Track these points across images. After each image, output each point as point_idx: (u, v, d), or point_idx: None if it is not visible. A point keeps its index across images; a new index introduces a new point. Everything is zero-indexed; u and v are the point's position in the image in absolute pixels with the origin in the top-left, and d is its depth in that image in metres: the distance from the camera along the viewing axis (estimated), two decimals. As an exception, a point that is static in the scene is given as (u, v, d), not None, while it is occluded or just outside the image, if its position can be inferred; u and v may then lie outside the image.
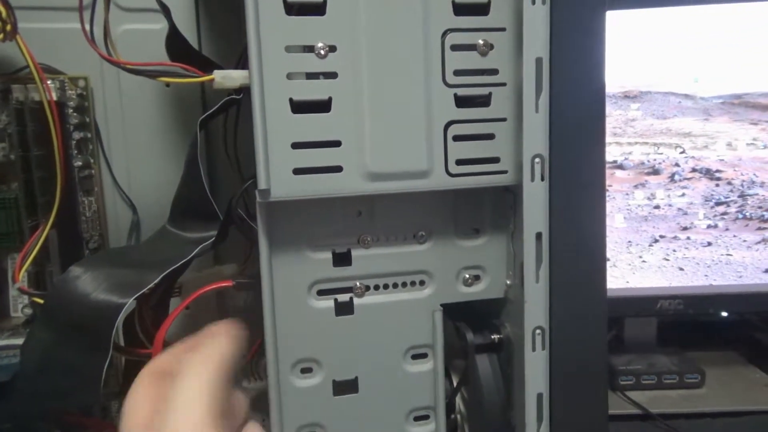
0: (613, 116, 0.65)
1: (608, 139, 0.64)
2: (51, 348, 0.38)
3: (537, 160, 0.34)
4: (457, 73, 0.34)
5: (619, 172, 0.65)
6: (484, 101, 0.35)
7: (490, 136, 0.35)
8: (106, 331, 0.35)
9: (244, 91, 0.36)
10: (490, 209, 0.39)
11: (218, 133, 0.47)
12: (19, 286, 0.41)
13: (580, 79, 0.33)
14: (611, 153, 0.65)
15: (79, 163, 0.46)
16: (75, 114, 0.45)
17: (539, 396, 0.35)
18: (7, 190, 0.44)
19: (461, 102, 0.35)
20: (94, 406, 0.46)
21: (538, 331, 0.35)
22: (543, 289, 0.34)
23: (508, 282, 0.39)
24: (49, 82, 0.43)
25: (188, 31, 0.48)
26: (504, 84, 0.35)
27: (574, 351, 0.35)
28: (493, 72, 0.35)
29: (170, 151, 0.49)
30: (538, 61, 0.33)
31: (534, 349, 0.35)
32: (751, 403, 0.63)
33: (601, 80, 0.33)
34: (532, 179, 0.34)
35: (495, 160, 0.36)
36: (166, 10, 0.39)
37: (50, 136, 0.41)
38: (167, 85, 0.48)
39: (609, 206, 0.65)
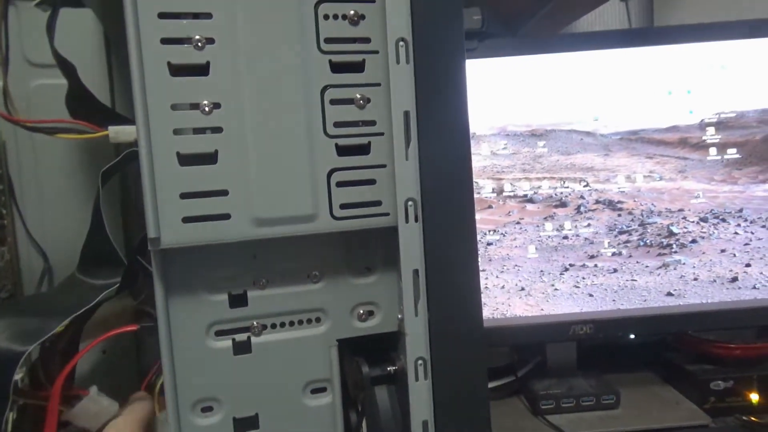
0: (522, 153, 0.69)
1: (518, 174, 0.69)
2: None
3: (410, 203, 0.37)
4: (337, 124, 0.37)
5: (529, 206, 0.69)
6: (364, 149, 0.38)
7: (371, 182, 0.38)
8: (4, 379, 0.36)
9: (142, 144, 0.39)
10: (380, 248, 0.41)
11: (130, 182, 0.49)
12: None
13: (446, 127, 0.36)
14: (522, 188, 0.69)
15: (-10, 215, 0.47)
16: (-14, 167, 0.47)
17: (424, 423, 0.38)
18: None
19: (342, 151, 0.38)
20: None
21: (420, 361, 0.37)
22: (422, 322, 0.37)
23: (400, 316, 0.41)
24: (-42, 137, 0.44)
25: (101, 85, 0.50)
26: (382, 134, 0.38)
27: (455, 379, 0.37)
28: (371, 123, 0.38)
29: (82, 200, 0.50)
30: (406, 114, 0.36)
31: (417, 379, 0.37)
32: (663, 421, 0.66)
33: (465, 126, 0.36)
34: (407, 221, 0.37)
35: (377, 203, 0.38)
36: (68, 68, 0.41)
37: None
38: (79, 137, 0.50)
39: (521, 238, 0.68)
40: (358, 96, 0.37)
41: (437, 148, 0.36)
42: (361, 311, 0.41)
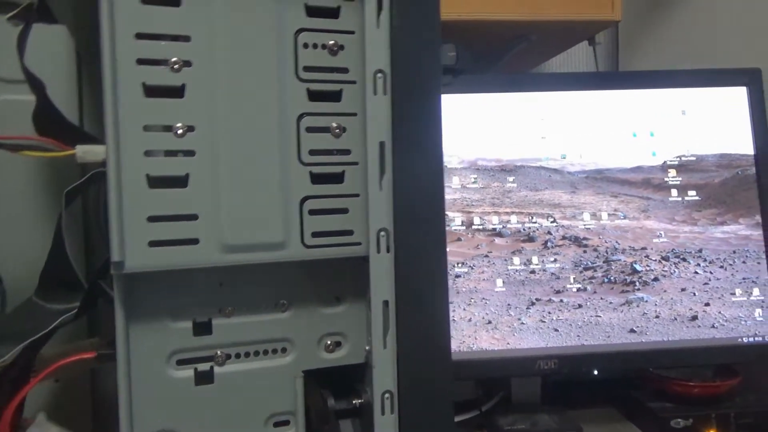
0: (492, 188, 0.70)
1: (487, 208, 0.69)
2: None
3: (382, 233, 0.36)
4: (312, 152, 0.37)
5: (498, 239, 0.69)
6: (338, 178, 0.38)
7: (344, 210, 0.38)
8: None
9: (110, 165, 0.38)
10: (350, 278, 0.41)
11: (90, 205, 0.47)
12: None
13: (420, 159, 0.36)
14: (491, 221, 0.69)
15: (-57, 232, 0.45)
16: (-59, 182, 0.45)
17: (390, 459, 0.37)
18: None
19: (316, 179, 0.37)
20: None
21: (386, 395, 0.37)
22: (390, 355, 0.37)
23: (368, 347, 0.41)
24: None
25: (69, 102, 0.49)
26: (356, 163, 0.38)
27: (422, 413, 0.37)
28: (346, 152, 0.38)
29: (43, 220, 0.48)
30: (381, 145, 0.36)
31: (383, 413, 0.37)
32: (624, 458, 0.66)
33: (439, 159, 0.37)
34: (378, 251, 0.36)
35: (349, 232, 0.38)
36: (36, 84, 0.40)
37: None
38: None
39: (489, 271, 0.69)
40: (335, 125, 0.37)
41: (411, 179, 0.36)
42: (329, 342, 0.41)
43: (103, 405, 0.51)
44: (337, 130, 0.38)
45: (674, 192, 0.71)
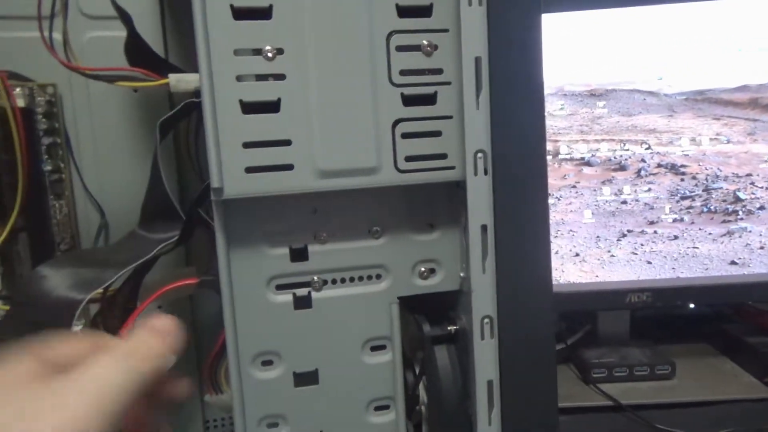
0: (580, 114, 0.66)
1: (575, 137, 0.66)
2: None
3: (479, 155, 0.35)
4: (402, 72, 0.36)
5: (586, 169, 0.66)
6: (430, 100, 0.36)
7: (437, 134, 0.37)
8: (64, 327, 0.37)
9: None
10: (443, 204, 0.40)
11: (182, 138, 0.48)
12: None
13: (519, 76, 0.34)
14: (578, 150, 0.66)
15: (49, 168, 0.47)
16: (44, 120, 0.46)
17: (489, 383, 0.37)
18: (-24, 194, 0.45)
19: (408, 101, 0.36)
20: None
21: (486, 320, 0.36)
22: (489, 280, 0.36)
23: (462, 274, 0.40)
24: (17, 89, 0.44)
25: (154, 37, 0.49)
26: (449, 83, 0.36)
27: (522, 338, 0.36)
28: (438, 71, 0.36)
29: (138, 155, 0.50)
30: (477, 60, 0.34)
31: (483, 338, 0.36)
32: (721, 393, 0.64)
33: (539, 76, 0.34)
34: (476, 173, 0.35)
35: (443, 156, 0.37)
36: (125, 18, 0.41)
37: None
38: (135, 90, 0.49)
39: (577, 202, 0.66)
40: (425, 42, 0.36)
41: (510, 97, 0.34)
42: (423, 269, 0.40)
43: (202, 329, 0.54)
44: (429, 48, 0.36)
45: (786, 112, 0.65)
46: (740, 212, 0.65)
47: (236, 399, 0.38)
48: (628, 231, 0.66)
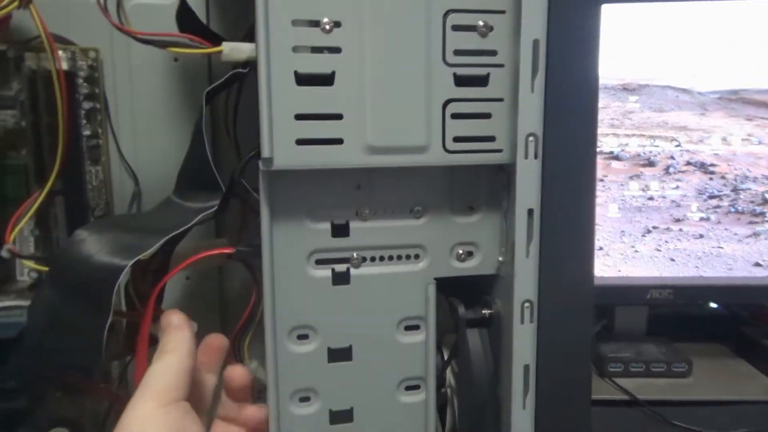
0: (612, 108, 0.66)
1: (605, 130, 0.66)
2: (56, 308, 0.39)
3: (531, 138, 0.35)
4: (457, 52, 0.36)
5: (615, 163, 0.66)
6: (482, 81, 0.36)
7: (486, 116, 0.36)
8: (106, 292, 0.37)
9: (250, 65, 0.38)
10: (485, 187, 0.40)
11: (220, 110, 0.48)
12: (8, 247, 0.41)
13: (576, 61, 0.34)
14: (608, 144, 0.66)
15: (88, 133, 0.47)
16: (85, 84, 0.46)
17: (526, 367, 0.37)
18: (16, 156, 0.45)
19: (460, 81, 0.36)
20: (95, 368, 0.47)
21: (527, 304, 0.36)
22: (533, 264, 0.36)
23: (501, 259, 0.40)
24: (60, 52, 0.44)
25: (197, 7, 0.49)
26: (502, 65, 0.36)
27: (561, 324, 0.36)
28: (492, 53, 0.36)
29: (175, 124, 0.50)
30: (535, 43, 0.34)
31: (522, 322, 0.36)
32: (737, 393, 0.64)
33: (595, 64, 0.34)
34: (526, 157, 0.35)
35: (491, 138, 0.37)
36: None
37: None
38: (175, 59, 0.49)
39: (604, 196, 0.66)
40: (481, 23, 0.35)
41: (565, 83, 0.34)
42: (461, 251, 0.40)
43: (229, 302, 0.54)
44: (484, 29, 0.36)
45: (820, 116, 0.64)
46: (767, 214, 0.65)
47: (270, 371, 0.38)
48: (654, 227, 0.66)
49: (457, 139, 0.36)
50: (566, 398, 0.37)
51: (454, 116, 0.36)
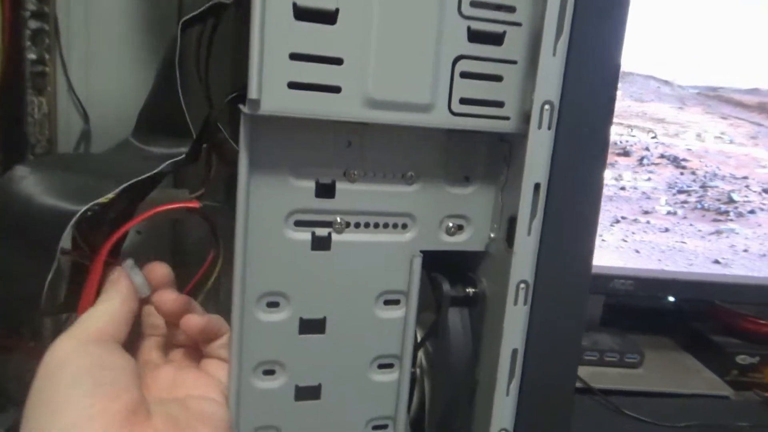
0: (593, 93, 0.64)
1: (585, 115, 0.64)
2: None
3: (547, 107, 0.32)
4: (473, 4, 0.32)
5: (591, 150, 0.65)
6: (497, 39, 0.33)
7: (498, 78, 0.33)
8: (51, 239, 0.32)
9: (237, -6, 0.33)
10: (483, 158, 0.37)
11: (191, 46, 0.43)
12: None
13: (603, 26, 0.31)
14: (586, 129, 0.64)
15: (33, 57, 0.41)
16: (33, 0, 0.40)
17: (514, 352, 0.34)
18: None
19: (474, 37, 0.33)
20: (25, 323, 0.42)
21: (522, 285, 0.34)
22: (533, 243, 0.33)
23: (492, 235, 0.38)
24: (6, -42, 0.38)
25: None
26: (519, 24, 0.33)
27: (556, 308, 0.34)
28: (511, 9, 0.33)
29: (137, 57, 0.44)
30: (563, 2, 0.31)
31: (516, 303, 0.34)
32: (687, 386, 0.65)
33: (622, 32, 0.32)
34: (540, 126, 0.32)
35: (500, 104, 0.34)
36: None
37: None
38: (142, -16, 0.43)
39: (577, 182, 0.65)
40: (504, -27, 0.32)
41: (591, 46, 0.31)
42: (451, 224, 0.38)
43: (181, 259, 0.49)
44: (506, -20, 0.32)
45: (790, 121, 0.65)
46: (731, 213, 0.66)
47: (234, 340, 0.35)
48: (622, 218, 0.66)
49: (463, 101, 0.33)
50: (551, 387, 0.35)
51: (464, 75, 0.33)
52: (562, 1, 0.31)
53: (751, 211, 0.65)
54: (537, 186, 0.33)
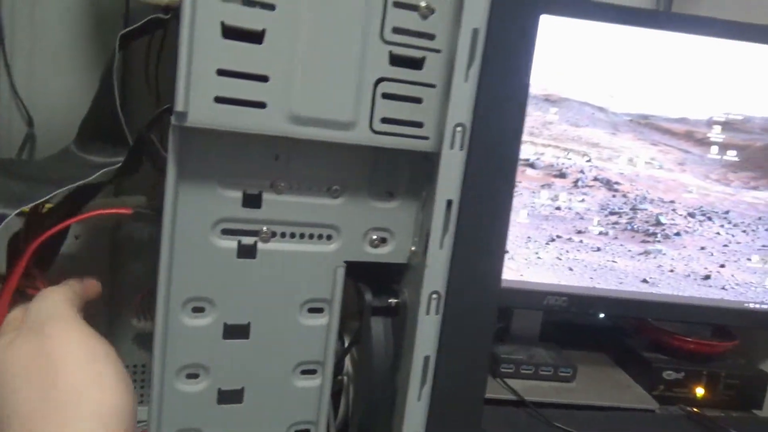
0: (533, 116, 0.67)
1: (524, 137, 0.67)
2: None
3: (459, 128, 0.34)
4: (395, 30, 0.34)
5: (529, 170, 0.68)
6: (417, 64, 0.35)
7: (417, 100, 0.36)
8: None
9: (173, 11, 0.35)
10: (406, 175, 0.39)
11: (140, 57, 0.44)
12: None
13: (511, 59, 0.34)
14: (525, 151, 0.67)
15: (-27, 60, 0.42)
16: (-25, 4, 0.41)
17: (426, 359, 0.36)
18: None
19: (395, 61, 0.35)
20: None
21: (434, 295, 0.36)
22: (445, 256, 0.35)
23: (413, 248, 0.40)
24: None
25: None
26: (439, 51, 0.35)
27: (466, 319, 0.36)
28: (431, 36, 0.35)
29: (83, 66, 0.45)
30: (475, 32, 0.33)
31: (428, 313, 0.36)
32: (615, 400, 0.68)
33: (529, 65, 0.34)
34: (452, 147, 0.34)
35: (419, 124, 0.36)
36: None
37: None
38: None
39: (516, 201, 0.67)
40: (424, 4, 0.34)
41: (499, 76, 0.34)
42: (374, 237, 0.39)
43: (120, 265, 0.50)
44: (426, 11, 0.35)
45: (714, 149, 0.69)
46: (659, 235, 0.69)
47: (157, 343, 0.36)
48: (557, 236, 0.68)
49: (385, 120, 0.35)
50: (461, 393, 0.37)
51: (385, 96, 0.35)
52: (474, 30, 0.33)
53: (677, 234, 0.69)
54: (449, 202, 0.35)
